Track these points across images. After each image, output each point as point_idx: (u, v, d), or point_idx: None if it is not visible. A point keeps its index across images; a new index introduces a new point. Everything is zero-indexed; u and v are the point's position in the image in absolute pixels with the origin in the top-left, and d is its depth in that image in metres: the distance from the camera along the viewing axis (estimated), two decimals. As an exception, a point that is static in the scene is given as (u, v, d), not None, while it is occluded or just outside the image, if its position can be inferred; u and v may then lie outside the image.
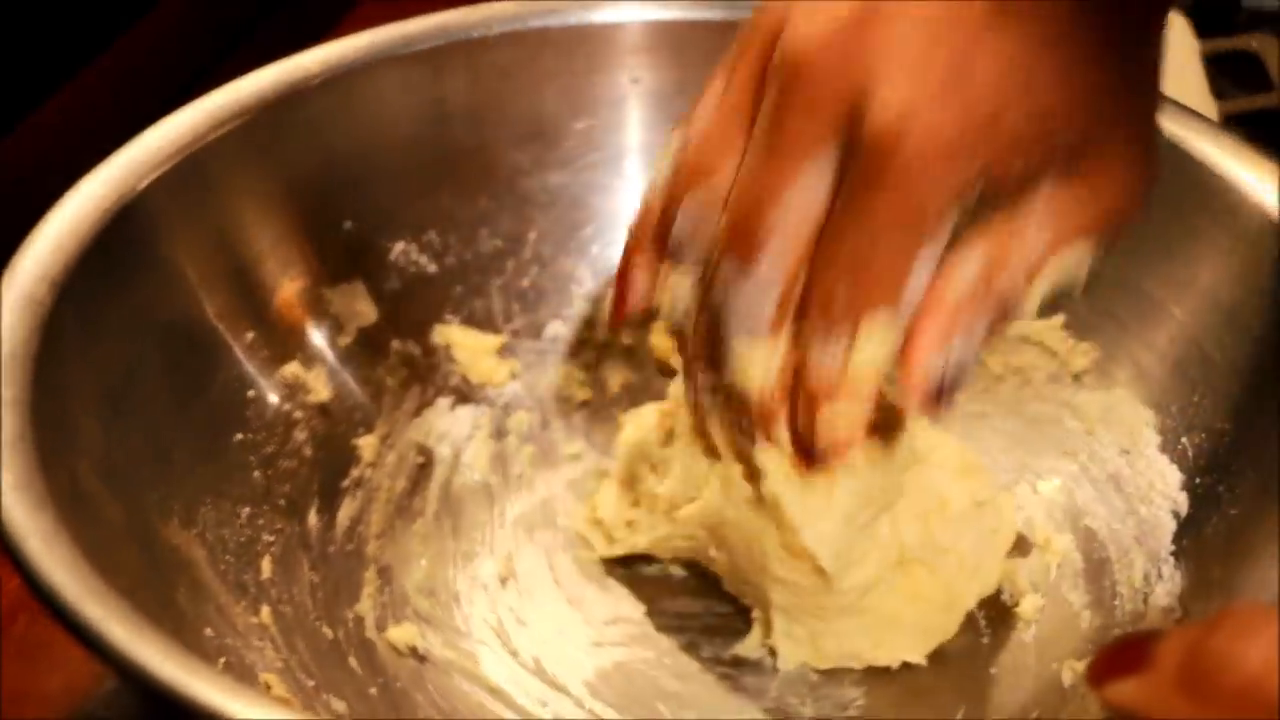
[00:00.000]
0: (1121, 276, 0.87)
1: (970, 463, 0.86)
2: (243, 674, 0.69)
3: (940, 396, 0.68)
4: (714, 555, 0.86)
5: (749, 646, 0.85)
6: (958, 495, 0.84)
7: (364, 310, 0.92)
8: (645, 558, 0.89)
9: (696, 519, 0.83)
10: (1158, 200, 0.84)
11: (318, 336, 0.90)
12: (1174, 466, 0.83)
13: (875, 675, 0.84)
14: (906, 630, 0.83)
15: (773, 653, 0.84)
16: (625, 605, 0.88)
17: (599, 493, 0.93)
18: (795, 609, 0.82)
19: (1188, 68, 1.20)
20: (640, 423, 0.90)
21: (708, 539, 0.85)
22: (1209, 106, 1.18)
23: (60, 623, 0.58)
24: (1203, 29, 1.26)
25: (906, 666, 0.83)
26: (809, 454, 0.72)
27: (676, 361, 0.98)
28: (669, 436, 0.86)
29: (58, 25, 1.08)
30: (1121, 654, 0.54)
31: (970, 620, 0.85)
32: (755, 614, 0.85)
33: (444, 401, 0.96)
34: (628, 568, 0.89)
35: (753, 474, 0.80)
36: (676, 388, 0.87)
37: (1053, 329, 0.91)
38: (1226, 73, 1.27)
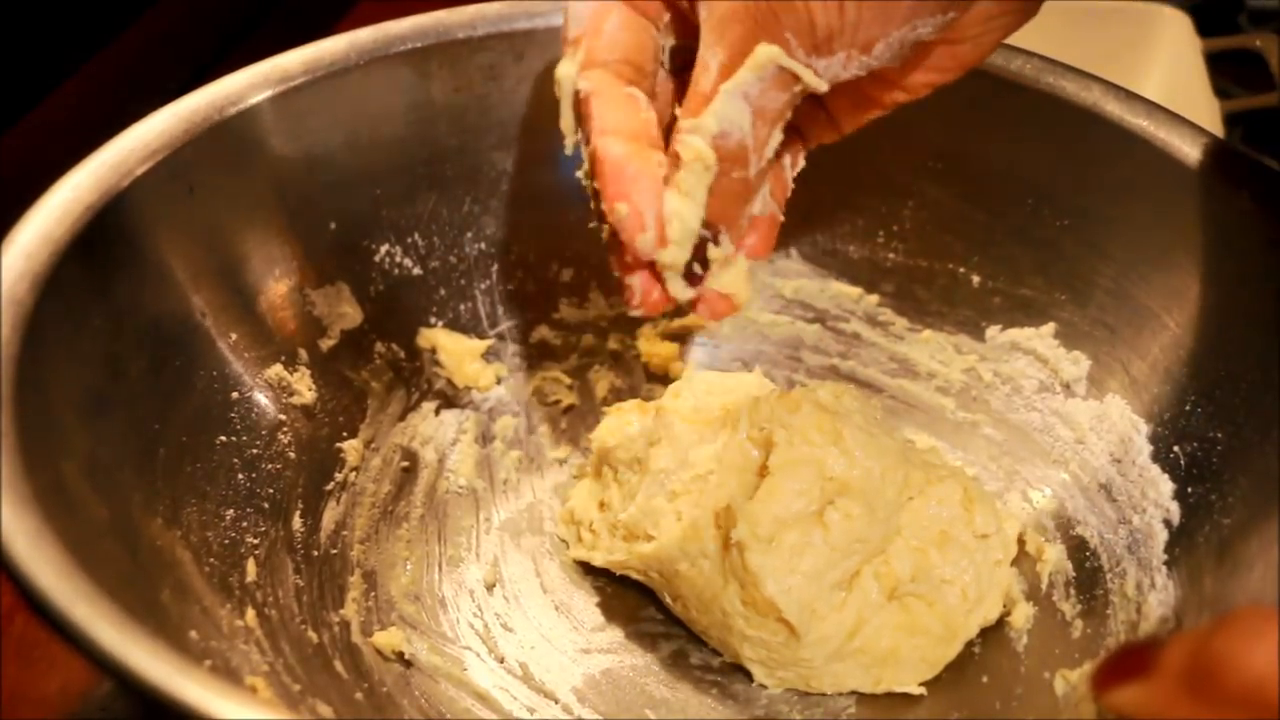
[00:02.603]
0: (1114, 286, 0.87)
1: (975, 494, 0.86)
2: (229, 677, 0.68)
3: None
4: (669, 602, 0.86)
5: (738, 655, 0.84)
6: (960, 528, 0.84)
7: (348, 312, 0.91)
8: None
9: (651, 560, 0.83)
10: (1151, 211, 0.85)
11: (302, 338, 0.89)
12: (1166, 475, 0.83)
13: (866, 684, 0.84)
14: (905, 663, 0.83)
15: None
16: (613, 611, 0.88)
17: (574, 488, 0.93)
18: (773, 662, 0.82)
19: (1191, 66, 1.20)
20: (620, 420, 0.90)
21: (662, 583, 0.85)
22: (1211, 105, 1.18)
23: (47, 623, 0.57)
24: (1206, 28, 1.27)
25: (899, 678, 0.84)
26: None
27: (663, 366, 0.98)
28: (639, 461, 0.86)
29: (57, 24, 1.08)
30: (1124, 660, 0.54)
31: (961, 629, 0.85)
32: (727, 659, 0.85)
33: (429, 405, 0.95)
34: (614, 573, 0.88)
35: (724, 521, 0.80)
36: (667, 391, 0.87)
37: (1043, 338, 0.91)
38: (1229, 71, 1.27)
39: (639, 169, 0.69)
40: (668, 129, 0.72)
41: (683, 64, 0.73)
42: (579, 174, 0.73)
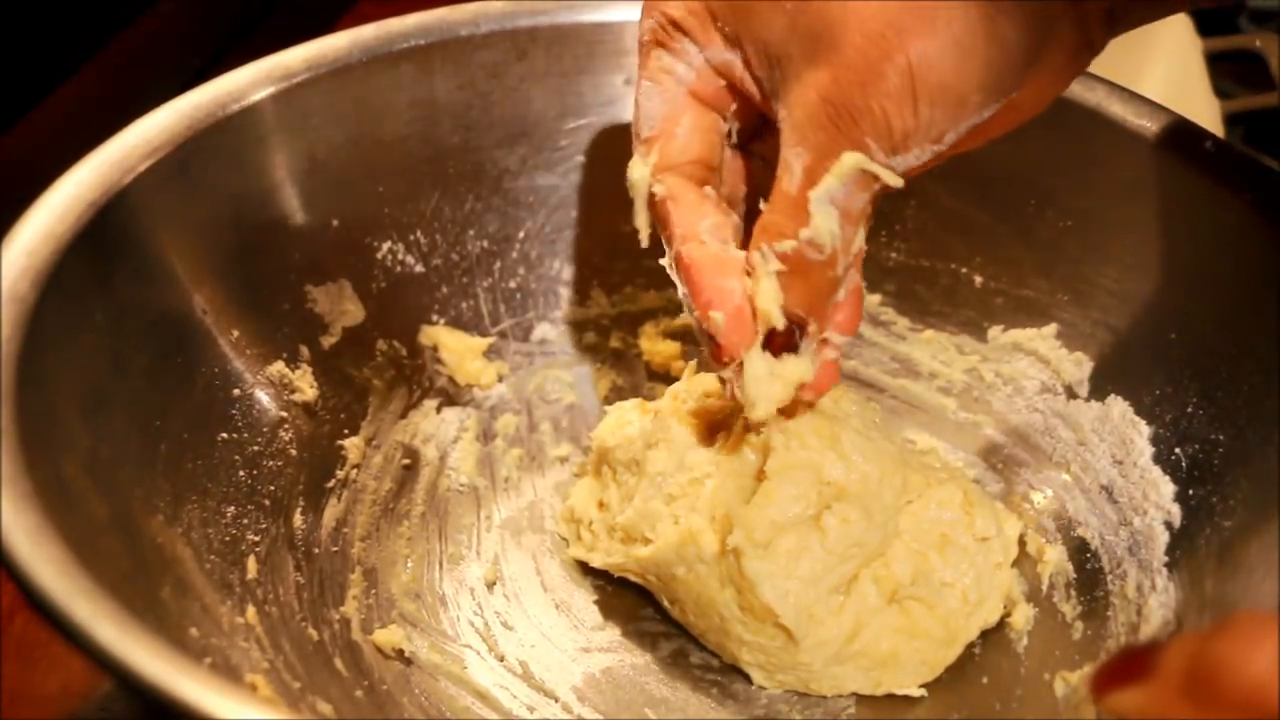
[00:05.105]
0: (1116, 287, 0.87)
1: (975, 497, 0.86)
2: (229, 674, 0.68)
3: None
4: (667, 605, 0.86)
5: (738, 655, 0.84)
6: (960, 531, 0.84)
7: (351, 310, 0.91)
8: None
9: (648, 563, 0.83)
10: (1153, 212, 0.85)
11: (303, 335, 0.89)
12: (1167, 477, 0.83)
13: (866, 684, 0.83)
14: (905, 666, 0.83)
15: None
16: (613, 610, 0.87)
17: (574, 486, 0.93)
18: (772, 666, 0.82)
19: (1190, 66, 1.20)
20: (620, 418, 0.90)
21: (660, 586, 0.85)
22: (1212, 105, 1.18)
23: (48, 621, 0.57)
24: (1206, 28, 1.26)
25: (899, 679, 0.84)
26: None
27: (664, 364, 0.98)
28: (637, 463, 0.86)
29: (58, 23, 1.07)
30: (1124, 663, 0.54)
31: (962, 630, 0.85)
32: (726, 660, 0.85)
33: (430, 403, 0.95)
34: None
35: (720, 526, 0.80)
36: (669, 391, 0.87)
37: (1045, 338, 0.91)
38: (1229, 71, 1.27)
39: (725, 276, 0.74)
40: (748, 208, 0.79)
41: (748, 138, 0.78)
42: (664, 261, 0.77)
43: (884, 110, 0.64)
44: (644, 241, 0.78)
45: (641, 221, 0.77)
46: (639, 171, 0.76)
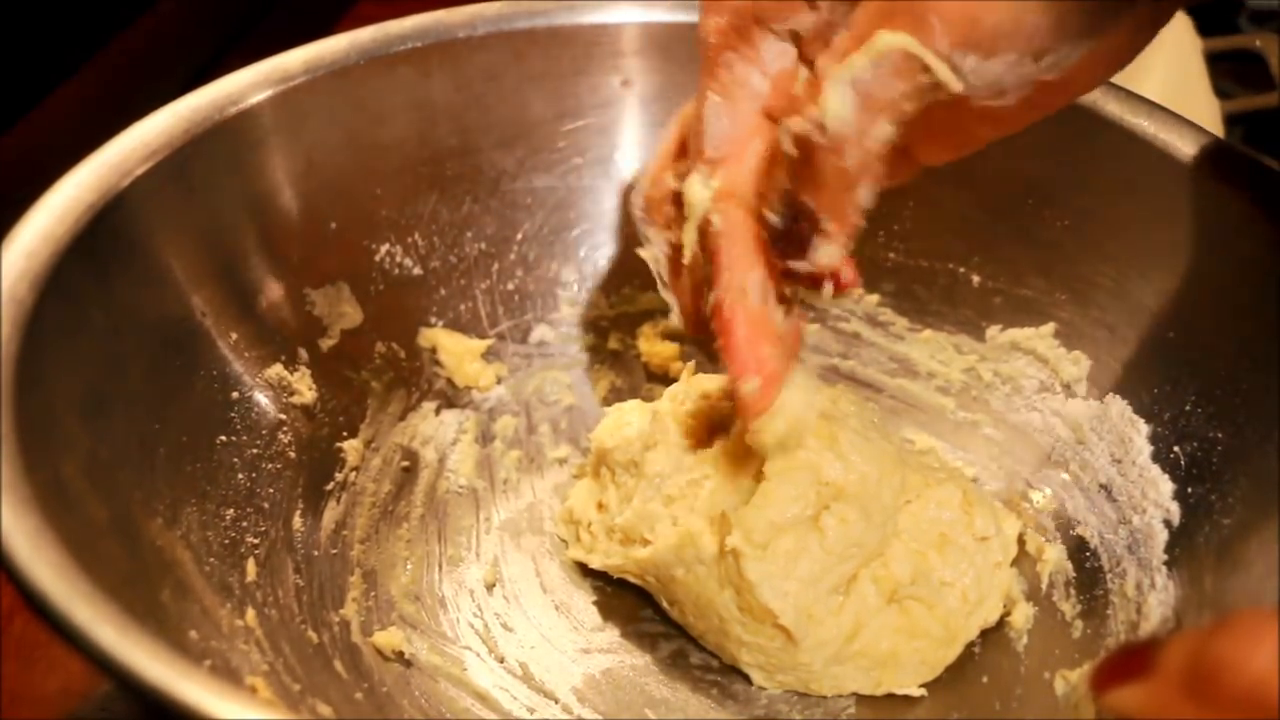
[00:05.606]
0: (1114, 286, 0.87)
1: (974, 497, 0.86)
2: (229, 677, 0.68)
3: None
4: (666, 606, 0.86)
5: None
6: (959, 531, 0.84)
7: (349, 312, 0.91)
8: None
9: (647, 565, 0.83)
10: (1152, 211, 0.85)
11: (302, 338, 0.89)
12: (1166, 476, 0.83)
13: (866, 684, 0.84)
14: (905, 665, 0.83)
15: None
16: (613, 611, 0.88)
17: (573, 488, 0.93)
18: (771, 666, 0.82)
19: (1190, 66, 1.20)
20: (619, 419, 0.90)
21: (659, 588, 0.85)
22: (1212, 105, 1.19)
23: (48, 624, 0.57)
24: (1206, 28, 1.27)
25: (899, 678, 0.84)
26: None
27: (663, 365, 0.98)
28: (636, 464, 0.86)
29: (58, 23, 1.08)
30: (1124, 661, 0.54)
31: (961, 630, 0.85)
32: (725, 660, 0.85)
33: (429, 405, 0.95)
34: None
35: (719, 527, 0.80)
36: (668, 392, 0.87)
37: (1044, 338, 0.91)
38: (1229, 71, 1.27)
39: (762, 341, 0.72)
40: None
41: None
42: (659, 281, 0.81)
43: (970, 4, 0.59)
44: (688, 257, 0.77)
45: (690, 240, 0.75)
46: (699, 194, 0.73)
